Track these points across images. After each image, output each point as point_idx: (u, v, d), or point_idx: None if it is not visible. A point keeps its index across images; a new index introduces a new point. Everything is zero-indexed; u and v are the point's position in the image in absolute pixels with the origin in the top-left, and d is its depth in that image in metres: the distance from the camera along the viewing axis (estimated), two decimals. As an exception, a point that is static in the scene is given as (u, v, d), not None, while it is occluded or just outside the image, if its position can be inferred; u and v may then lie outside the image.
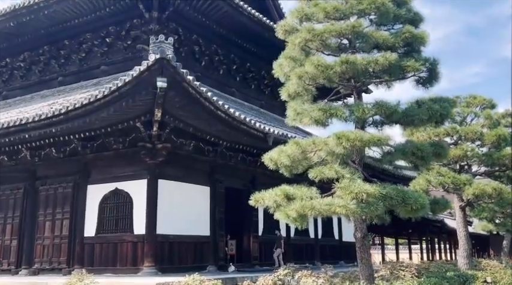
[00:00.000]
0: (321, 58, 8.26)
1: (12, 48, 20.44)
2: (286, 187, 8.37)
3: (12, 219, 16.64)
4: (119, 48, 18.76)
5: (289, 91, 8.74)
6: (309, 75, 8.25)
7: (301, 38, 8.55)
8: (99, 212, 14.86)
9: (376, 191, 7.65)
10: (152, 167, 14.24)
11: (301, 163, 8.85)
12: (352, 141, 7.71)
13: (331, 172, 7.98)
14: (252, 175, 18.70)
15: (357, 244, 9.29)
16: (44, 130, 13.13)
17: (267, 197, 8.70)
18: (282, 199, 8.29)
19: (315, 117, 8.35)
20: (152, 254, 13.62)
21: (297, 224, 8.22)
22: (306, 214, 7.92)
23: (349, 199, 7.65)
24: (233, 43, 20.52)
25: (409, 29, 8.54)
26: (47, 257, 15.45)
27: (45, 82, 20.47)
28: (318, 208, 7.76)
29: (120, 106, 11.84)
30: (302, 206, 7.90)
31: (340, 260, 22.61)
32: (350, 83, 9.30)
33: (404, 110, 8.29)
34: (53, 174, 16.18)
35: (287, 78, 9.40)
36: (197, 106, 12.27)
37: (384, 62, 7.96)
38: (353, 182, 7.76)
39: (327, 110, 8.16)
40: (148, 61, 11.10)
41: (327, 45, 8.60)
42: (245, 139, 14.38)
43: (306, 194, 8.14)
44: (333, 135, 8.07)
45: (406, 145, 8.41)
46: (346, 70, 8.08)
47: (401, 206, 7.82)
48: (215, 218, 16.23)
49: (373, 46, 8.67)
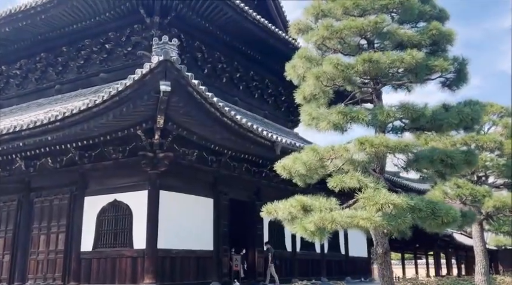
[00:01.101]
0: (340, 57, 7.58)
1: (8, 55, 19.79)
2: (303, 198, 7.63)
3: (5, 232, 15.82)
4: (118, 54, 18.12)
5: (305, 94, 8.04)
6: (327, 75, 7.57)
7: (318, 36, 7.89)
8: (97, 226, 14.05)
9: (404, 202, 6.91)
10: (153, 177, 13.47)
11: (317, 171, 8.11)
12: (377, 146, 7.00)
13: (352, 180, 7.25)
14: (256, 187, 17.96)
15: (378, 260, 8.50)
16: (40, 137, 12.38)
17: (281, 209, 7.95)
18: (298, 211, 7.54)
19: (333, 121, 7.65)
20: (153, 270, 12.79)
21: (315, 239, 7.45)
22: (325, 227, 7.16)
23: (373, 211, 6.90)
24: (237, 50, 19.90)
25: (436, 25, 7.88)
26: (41, 273, 14.61)
27: (42, 90, 19.77)
28: (339, 220, 7.01)
29: (120, 111, 11.13)
30: (321, 218, 7.15)
31: (347, 276, 21.76)
32: (369, 85, 8.62)
33: (432, 113, 7.58)
34: (49, 185, 15.40)
35: (301, 79, 8.72)
36: (202, 113, 11.56)
37: (410, 61, 7.28)
38: (378, 193, 7.03)
39: (347, 113, 7.46)
40: (151, 64, 10.41)
41: (346, 43, 7.92)
42: (252, 148, 13.64)
43: (325, 205, 7.39)
44: (354, 141, 7.36)
45: (433, 152, 7.69)
46: (369, 70, 7.39)
47: (430, 219, 7.08)
48: (219, 231, 15.44)
49: (396, 45, 8.00)
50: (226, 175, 16.35)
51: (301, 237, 19.23)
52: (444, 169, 7.76)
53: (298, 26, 8.65)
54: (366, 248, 24.95)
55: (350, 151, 7.36)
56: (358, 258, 23.66)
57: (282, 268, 18.42)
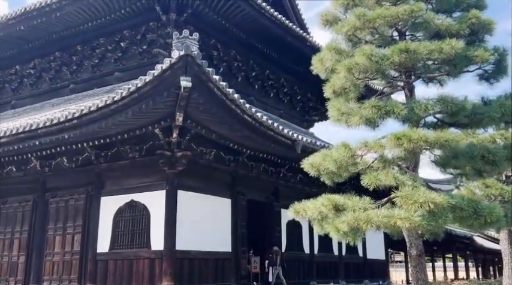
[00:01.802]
0: (374, 48, 7.18)
1: (22, 55, 19.62)
2: (335, 197, 7.25)
3: (20, 233, 15.58)
4: (133, 53, 17.85)
5: (335, 87, 7.66)
6: (360, 67, 7.19)
7: (349, 26, 7.52)
8: (114, 226, 13.74)
9: (445, 201, 6.50)
10: (171, 177, 13.14)
11: (348, 168, 7.72)
12: (416, 141, 6.60)
13: (388, 178, 6.86)
14: (274, 187, 17.60)
15: (412, 263, 8.09)
16: (56, 136, 12.10)
17: (310, 208, 7.58)
18: (330, 210, 7.15)
19: (366, 115, 7.26)
20: (171, 271, 12.44)
21: (348, 240, 7.07)
22: (359, 228, 6.76)
23: (412, 210, 6.49)
24: (252, 48, 19.54)
25: (476, 14, 7.46)
26: (56, 275, 14.34)
27: (56, 90, 19.57)
28: (375, 220, 6.62)
29: (139, 109, 10.81)
30: (355, 218, 6.76)
31: (365, 279, 21.32)
32: (400, 79, 8.21)
33: (473, 107, 7.15)
34: (64, 185, 15.14)
35: (329, 73, 8.33)
36: (223, 110, 11.20)
37: (449, 51, 6.87)
38: (416, 191, 6.62)
39: (381, 107, 7.07)
40: (171, 59, 10.08)
41: (379, 34, 7.53)
42: (272, 147, 13.26)
43: (358, 204, 6.99)
44: (390, 135, 6.95)
45: (474, 148, 7.27)
46: (404, 61, 6.98)
47: (472, 218, 6.65)
48: (237, 233, 15.07)
49: (432, 35, 7.58)
50: (243, 175, 16.00)
51: (318, 239, 18.96)
52: (484, 166, 7.33)
53: (326, 17, 8.28)
54: (384, 250, 24.49)
55: (385, 147, 6.95)
56: (376, 261, 23.17)
57: (300, 271, 18.03)
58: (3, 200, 16.42)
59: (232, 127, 11.94)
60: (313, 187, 19.66)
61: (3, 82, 21.18)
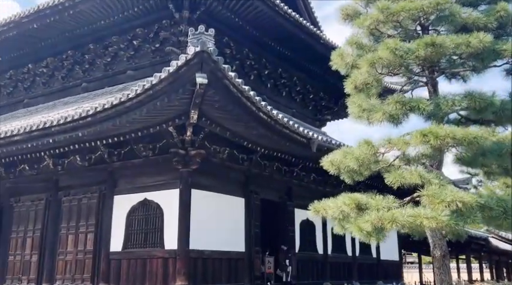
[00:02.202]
0: (398, 42, 6.95)
1: (34, 53, 19.59)
2: (357, 195, 7.04)
3: (33, 232, 15.52)
4: (146, 51, 17.73)
5: (357, 83, 7.45)
6: (383, 61, 6.97)
7: (372, 19, 7.31)
8: (127, 225, 13.62)
9: (473, 200, 6.25)
10: (185, 175, 12.99)
11: (369, 166, 7.50)
12: (443, 138, 6.37)
13: (413, 176, 6.64)
14: (287, 187, 17.40)
15: (436, 264, 7.85)
16: (70, 134, 12.00)
17: (331, 207, 7.37)
18: (352, 209, 6.94)
19: (390, 111, 7.05)
20: (185, 271, 12.29)
21: (371, 240, 6.85)
22: (384, 228, 6.54)
23: (440, 209, 6.26)
24: (265, 46, 19.33)
25: (504, 6, 7.22)
26: (69, 274, 14.25)
27: (68, 88, 19.51)
28: (400, 219, 6.40)
29: (154, 106, 10.66)
30: (379, 217, 6.55)
31: (378, 280, 21.03)
32: (423, 73, 7.98)
33: (501, 103, 6.90)
34: (77, 184, 15.06)
35: (350, 68, 8.12)
36: (238, 107, 11.03)
37: (477, 45, 6.64)
38: (443, 189, 6.38)
39: (405, 103, 6.86)
40: (187, 55, 9.92)
41: (402, 27, 7.30)
42: (287, 145, 13.06)
43: (382, 203, 6.77)
44: (415, 132, 6.72)
45: (502, 146, 7.02)
46: (431, 55, 6.74)
47: (502, 218, 6.40)
48: (250, 232, 14.88)
49: (458, 29, 7.34)
50: (257, 174, 15.82)
51: (332, 239, 18.70)
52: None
53: (346, 11, 8.08)
54: (397, 251, 24.18)
55: (410, 144, 6.72)
56: (389, 262, 22.89)
57: (314, 271, 17.81)
58: (16, 199, 16.39)
59: (248, 125, 11.75)
60: (327, 186, 19.48)
61: (16, 81, 21.19)
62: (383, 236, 6.75)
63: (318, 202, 7.85)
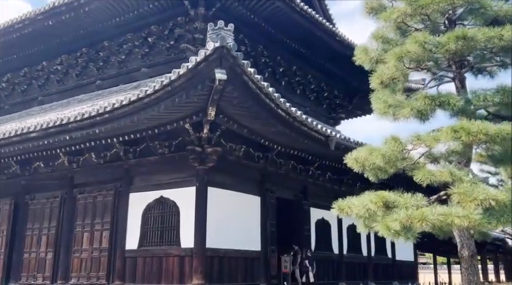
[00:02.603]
0: (427, 35, 6.75)
1: (49, 51, 19.57)
2: (385, 193, 6.84)
3: (48, 230, 15.49)
4: (160, 49, 17.63)
5: (383, 78, 7.27)
6: (412, 55, 6.75)
7: (399, 13, 7.12)
8: (142, 223, 13.53)
9: (507, 198, 6.04)
10: (201, 173, 12.86)
11: (395, 164, 7.30)
12: (475, 134, 6.15)
13: (444, 174, 6.43)
14: (303, 185, 17.23)
15: (464, 264, 7.63)
16: (87, 130, 11.91)
17: (356, 205, 7.19)
18: (379, 208, 6.74)
19: (418, 107, 6.84)
20: (202, 270, 12.16)
21: (400, 239, 6.65)
22: (413, 227, 6.34)
23: (472, 208, 6.05)
24: (280, 43, 19.14)
25: (538, -2, 6.98)
26: (84, 272, 14.18)
27: (82, 86, 19.47)
28: (430, 218, 6.21)
29: (172, 102, 10.53)
30: (408, 216, 6.36)
31: (394, 281, 20.77)
32: (451, 69, 7.76)
33: (536, 98, 6.66)
34: (92, 181, 15.00)
35: (374, 63, 7.92)
36: (257, 104, 10.86)
37: (510, 38, 6.38)
38: (475, 187, 6.17)
39: (435, 98, 6.66)
40: (206, 51, 9.77)
41: (431, 21, 7.09)
42: (305, 143, 12.87)
43: (411, 201, 6.57)
44: (446, 128, 6.52)
45: (535, 143, 6.76)
46: (461, 49, 6.53)
47: (537, 217, 6.17)
48: (266, 231, 14.73)
49: (489, 21, 7.10)
50: (272, 172, 15.67)
51: (347, 239, 18.47)
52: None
53: (371, 5, 7.89)
54: (413, 251, 23.89)
55: (440, 140, 6.52)
56: (404, 262, 22.62)
57: (329, 271, 17.60)
58: (31, 196, 16.38)
59: (266, 122, 11.58)
60: (342, 185, 19.30)
61: (30, 79, 21.21)
62: (412, 235, 6.56)
63: (342, 200, 7.66)
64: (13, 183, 16.78)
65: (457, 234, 7.49)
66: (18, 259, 15.89)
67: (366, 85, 23.43)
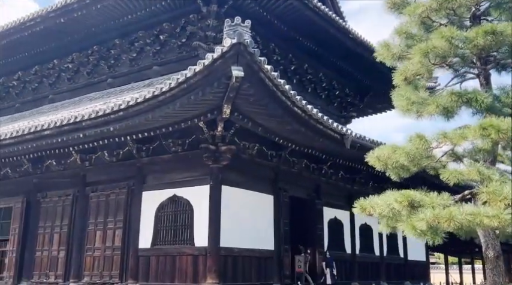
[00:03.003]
0: (454, 30, 6.58)
1: (60, 49, 19.53)
2: (410, 192, 6.69)
3: (60, 228, 15.44)
4: (172, 46, 17.54)
5: (407, 74, 7.10)
6: (438, 51, 6.57)
7: (424, 7, 6.98)
8: (156, 222, 13.43)
9: (538, 198, 5.86)
10: (215, 172, 12.75)
11: (420, 162, 7.14)
12: (505, 132, 5.98)
13: (472, 173, 6.26)
14: (315, 184, 17.06)
15: (489, 265, 7.46)
16: (101, 128, 11.83)
17: (379, 205, 7.03)
18: (404, 207, 6.58)
19: (444, 104, 6.67)
20: (216, 269, 12.05)
21: (426, 239, 6.49)
22: (440, 226, 6.18)
23: (502, 207, 5.88)
24: (292, 41, 18.98)
25: None
26: (97, 270, 14.12)
27: (93, 84, 19.44)
28: (458, 218, 6.04)
29: (187, 100, 10.41)
30: (435, 216, 6.19)
31: (406, 281, 20.56)
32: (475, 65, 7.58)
33: None
34: (105, 180, 14.92)
35: (396, 59, 7.76)
36: (273, 102, 10.72)
37: (540, 33, 6.21)
38: (504, 186, 6.00)
39: (462, 95, 6.48)
40: (223, 47, 9.64)
41: (457, 15, 6.92)
42: (320, 141, 12.71)
43: (437, 201, 6.41)
44: (474, 126, 6.35)
45: None
46: (490, 44, 6.36)
47: None
48: (279, 230, 14.59)
49: (516, 17, 6.93)
50: (285, 171, 15.52)
51: (360, 238, 18.28)
52: None
53: (393, 0, 7.67)
54: (424, 251, 23.67)
55: (467, 138, 6.35)
56: (416, 262, 22.41)
57: (342, 271, 17.41)
58: (43, 194, 16.34)
59: (282, 120, 11.44)
60: (355, 184, 19.13)
61: (41, 77, 21.21)
62: (439, 235, 6.39)
63: (364, 199, 7.51)
64: (25, 181, 16.75)
65: (482, 234, 7.33)
66: (30, 257, 15.85)
67: (377, 84, 23.45)
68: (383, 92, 23.71)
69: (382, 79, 21.92)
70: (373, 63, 20.25)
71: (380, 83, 22.63)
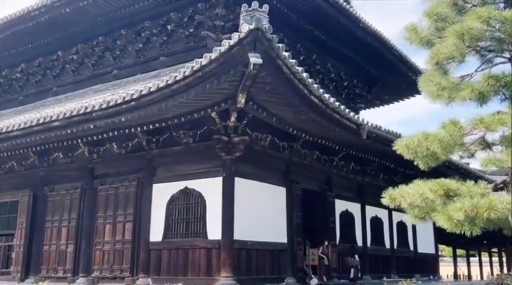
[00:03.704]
0: (492, 10, 6.27)
1: (65, 40, 19.16)
2: (446, 181, 6.40)
3: (68, 221, 15.15)
4: (179, 37, 17.18)
5: (440, 57, 6.76)
6: (475, 32, 6.25)
7: (457, -13, 6.59)
8: (167, 214, 13.15)
9: None
10: (228, 163, 12.45)
11: (452, 149, 6.84)
12: (548, 117, 5.67)
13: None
14: (326, 176, 16.80)
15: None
16: (112, 119, 11.50)
17: (411, 194, 6.72)
18: (439, 197, 6.30)
19: (480, 89, 6.35)
20: (230, 262, 11.78)
21: (464, 229, 6.20)
22: (479, 216, 5.90)
23: (546, 196, 5.60)
24: (302, 31, 18.58)
25: None
26: (107, 265, 13.85)
27: (98, 76, 19.09)
28: (499, 207, 5.75)
29: (202, 89, 10.08)
30: (474, 205, 5.90)
31: (416, 273, 20.30)
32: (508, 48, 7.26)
33: None
34: (114, 172, 14.63)
35: (425, 43, 7.44)
36: (290, 90, 10.41)
37: None
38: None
39: (500, 78, 6.15)
40: (240, 33, 9.31)
41: (493, -5, 6.59)
42: (336, 131, 12.39)
43: (475, 189, 6.13)
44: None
45: None
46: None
47: None
48: (292, 223, 14.33)
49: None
50: (297, 163, 15.25)
51: (371, 231, 18.01)
52: None
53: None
54: (433, 244, 23.47)
55: (506, 124, 6.06)
56: (426, 255, 22.21)
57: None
58: (50, 188, 16.04)
59: (298, 109, 11.12)
60: (366, 176, 18.87)
61: (45, 69, 20.86)
62: (477, 225, 6.11)
63: (393, 189, 7.21)
64: (31, 174, 16.46)
65: (516, 225, 7.06)
66: (38, 252, 15.58)
67: (385, 75, 23.06)
68: (391, 83, 23.50)
69: (391, 70, 21.78)
70: (382, 53, 20.23)
71: (388, 74, 22.39)
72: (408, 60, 20.84)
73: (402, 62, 20.79)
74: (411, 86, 23.89)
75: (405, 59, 20.57)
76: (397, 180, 20.66)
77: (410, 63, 20.92)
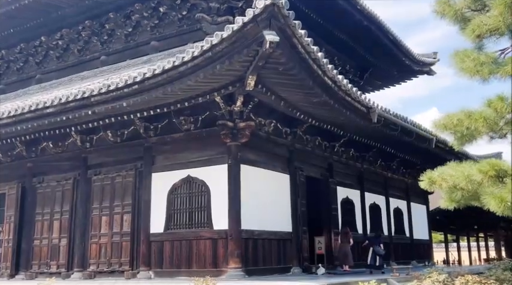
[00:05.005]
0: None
1: (48, 25, 18.17)
2: (498, 161, 6.02)
3: (61, 214, 14.38)
4: (172, 20, 16.40)
5: (482, 30, 6.32)
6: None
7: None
8: (168, 204, 12.54)
9: None
10: (234, 150, 11.91)
11: (496, 128, 6.46)
12: None
13: None
14: (328, 163, 16.43)
15: None
16: (112, 104, 10.76)
17: (454, 176, 6.31)
18: (490, 178, 5.90)
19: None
20: (238, 253, 11.30)
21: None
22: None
23: None
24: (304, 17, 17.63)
25: None
26: (104, 258, 13.18)
27: (84, 62, 18.18)
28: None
29: (212, 70, 9.44)
30: (530, 186, 5.51)
31: (412, 260, 20.21)
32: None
33: None
34: (109, 161, 13.90)
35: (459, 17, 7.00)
36: (304, 71, 9.85)
37: None
38: None
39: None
40: (255, 9, 8.70)
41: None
42: (347, 115, 11.92)
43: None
44: None
45: None
46: None
47: None
48: (297, 211, 13.91)
49: None
50: (300, 149, 14.81)
51: (370, 219, 17.68)
52: None
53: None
54: (427, 230, 23.48)
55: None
56: (421, 241, 22.20)
57: (354, 252, 16.87)
58: (39, 179, 15.21)
59: (310, 91, 10.58)
60: (365, 162, 18.56)
61: (27, 55, 19.82)
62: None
63: (431, 171, 6.79)
64: (18, 165, 15.59)
65: None
66: (28, 246, 14.78)
67: (378, 60, 22.60)
68: (383, 68, 23.20)
69: (385, 55, 21.43)
70: (377, 36, 19.81)
71: (381, 59, 22.05)
72: (402, 45, 20.53)
73: (397, 46, 20.45)
74: (404, 71, 23.77)
75: (400, 43, 20.24)
76: (393, 166, 20.63)
77: (404, 48, 20.62)
